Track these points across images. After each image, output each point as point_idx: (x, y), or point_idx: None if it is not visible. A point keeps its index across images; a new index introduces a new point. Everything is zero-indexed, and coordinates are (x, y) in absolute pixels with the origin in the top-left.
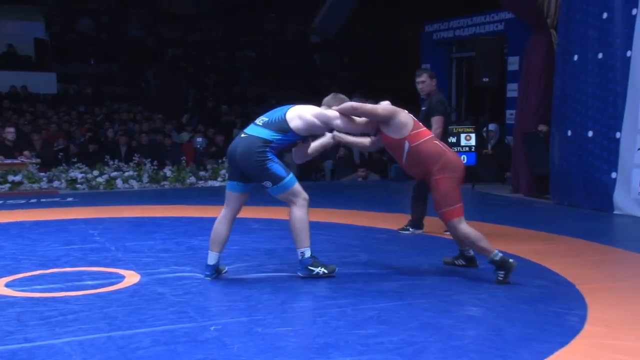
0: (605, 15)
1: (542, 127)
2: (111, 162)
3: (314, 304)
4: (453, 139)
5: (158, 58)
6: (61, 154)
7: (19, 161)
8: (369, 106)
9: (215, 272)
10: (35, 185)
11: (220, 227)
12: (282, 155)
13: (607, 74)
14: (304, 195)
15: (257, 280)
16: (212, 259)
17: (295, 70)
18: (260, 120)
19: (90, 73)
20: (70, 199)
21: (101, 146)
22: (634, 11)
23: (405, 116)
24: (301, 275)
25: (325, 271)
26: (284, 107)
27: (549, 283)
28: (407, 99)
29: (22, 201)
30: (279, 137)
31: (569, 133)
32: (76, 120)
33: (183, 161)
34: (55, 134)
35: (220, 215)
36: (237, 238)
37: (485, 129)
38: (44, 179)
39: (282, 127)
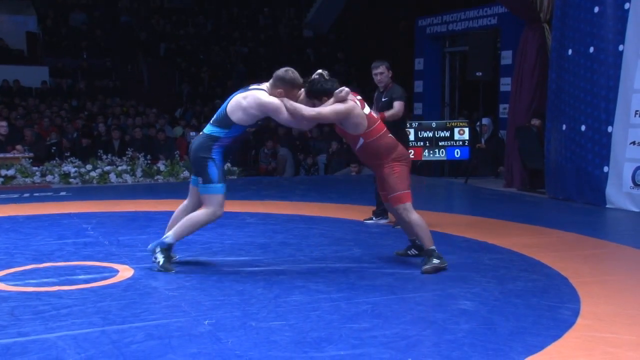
0: (596, 9)
1: (535, 121)
2: (104, 157)
3: (308, 297)
4: (447, 133)
5: (151, 52)
6: (54, 148)
7: (12, 155)
8: (324, 112)
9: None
10: (28, 180)
11: (176, 214)
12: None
13: (599, 68)
14: (218, 212)
15: (250, 274)
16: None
17: (288, 65)
18: (213, 117)
19: (83, 67)
20: (63, 194)
21: (94, 140)
22: (627, 5)
23: (357, 115)
24: (148, 248)
25: (162, 263)
26: (227, 100)
27: (541, 277)
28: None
29: (15, 195)
30: (225, 132)
31: (564, 127)
32: (68, 115)
33: (177, 155)
34: (48, 129)
35: (182, 204)
36: (230, 232)
37: (478, 123)
38: (37, 173)
39: (226, 122)
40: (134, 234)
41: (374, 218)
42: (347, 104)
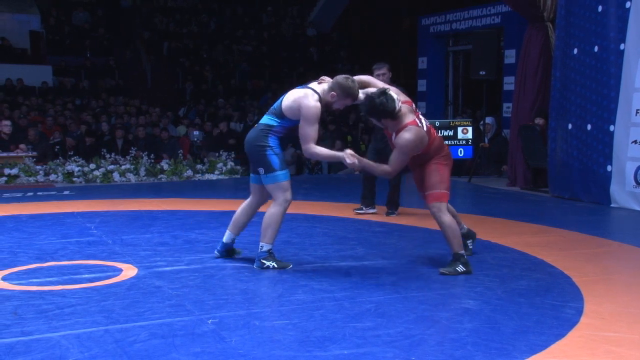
0: (600, 8)
1: (539, 120)
2: (108, 156)
3: (311, 297)
4: (450, 132)
5: (155, 51)
6: (57, 147)
7: (15, 154)
8: (396, 164)
9: (226, 251)
10: (31, 179)
11: (240, 212)
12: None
13: (602, 67)
14: (288, 196)
15: (254, 273)
16: (226, 237)
17: (292, 64)
18: (269, 109)
19: (87, 66)
20: (66, 192)
21: (98, 139)
22: (628, 4)
23: (422, 136)
24: (255, 266)
25: (275, 265)
26: (286, 93)
27: (545, 276)
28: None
29: (19, 194)
30: (279, 121)
31: (570, 126)
32: (72, 114)
33: (180, 154)
34: (51, 128)
35: (244, 202)
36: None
37: (482, 122)
38: (41, 172)
39: (279, 112)
40: (137, 233)
41: (363, 208)
42: (411, 135)
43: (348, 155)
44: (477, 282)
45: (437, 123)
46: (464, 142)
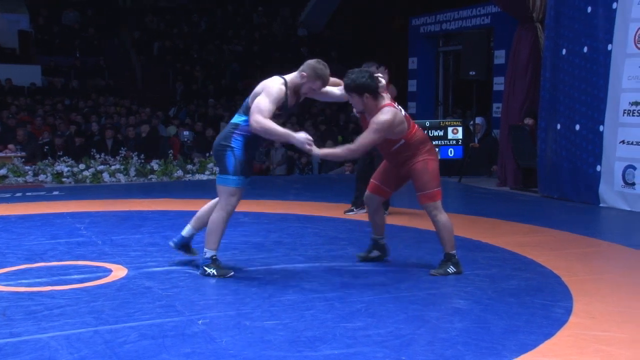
0: (589, 9)
1: (529, 121)
2: (97, 156)
3: (302, 297)
4: (440, 132)
5: (145, 51)
6: (47, 147)
7: (4, 155)
8: (366, 140)
9: (182, 245)
10: (20, 179)
11: (205, 208)
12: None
13: (591, 68)
14: (233, 202)
15: (245, 273)
16: (186, 230)
17: (283, 64)
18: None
19: (76, 66)
20: (56, 193)
21: (87, 140)
22: (614, 5)
23: (400, 121)
24: (199, 272)
25: (215, 273)
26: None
27: (535, 275)
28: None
29: (7, 195)
30: (244, 118)
31: (559, 126)
32: (61, 114)
33: (170, 155)
34: (40, 128)
35: (214, 200)
36: (225, 231)
37: (472, 122)
38: (30, 172)
39: (246, 107)
40: (127, 233)
41: (354, 209)
42: (387, 114)
43: (305, 141)
44: (468, 282)
45: (428, 123)
46: (454, 142)
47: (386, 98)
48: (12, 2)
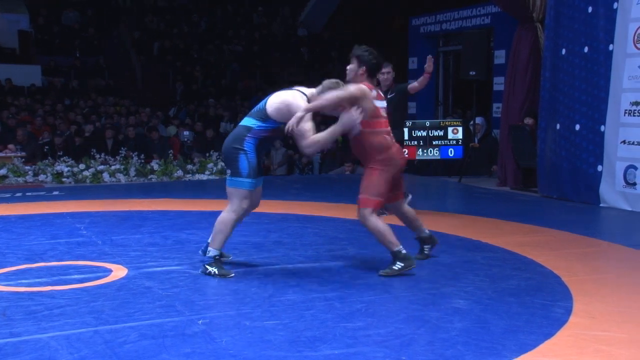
0: (590, 9)
1: (528, 120)
2: (97, 156)
3: (302, 297)
4: (440, 132)
5: (145, 51)
6: (47, 147)
7: (4, 155)
8: (338, 93)
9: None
10: (20, 179)
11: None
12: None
13: (592, 68)
14: (244, 205)
15: (244, 273)
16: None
17: (283, 64)
18: (251, 110)
19: (76, 66)
20: (56, 193)
21: (87, 140)
22: (615, 5)
23: (369, 102)
24: (200, 270)
25: (217, 272)
26: (270, 95)
27: (534, 275)
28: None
29: (7, 195)
30: (259, 123)
31: (558, 126)
32: (61, 114)
33: (170, 155)
34: (40, 128)
35: None
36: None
37: (472, 122)
38: (30, 172)
39: (263, 114)
40: (127, 233)
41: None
42: (364, 87)
43: (356, 117)
44: (468, 282)
45: (428, 123)
46: (454, 142)
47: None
48: (11, 2)
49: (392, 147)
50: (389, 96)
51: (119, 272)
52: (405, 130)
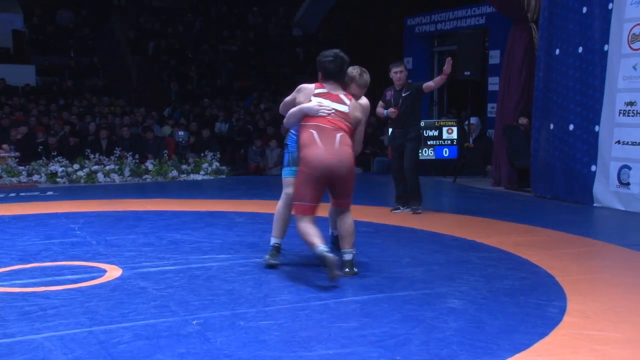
0: (585, 9)
1: (523, 120)
2: (92, 156)
3: (297, 297)
4: (435, 133)
5: (140, 51)
6: (41, 147)
7: None
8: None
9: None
10: (14, 179)
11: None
12: None
13: (587, 68)
14: (287, 190)
15: (239, 273)
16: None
17: (278, 64)
18: None
19: (71, 66)
20: (50, 193)
21: (82, 140)
22: (610, 5)
23: (302, 98)
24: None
25: (266, 259)
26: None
27: (529, 275)
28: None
29: (1, 195)
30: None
31: (552, 126)
32: (55, 114)
33: (165, 155)
34: (35, 128)
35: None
36: (220, 232)
37: (467, 122)
38: (24, 172)
39: None
40: (122, 233)
41: (400, 207)
42: (295, 93)
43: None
44: (463, 282)
45: (423, 123)
46: (449, 142)
47: (327, 87)
48: (5, 1)
49: (310, 146)
50: (403, 94)
51: (113, 272)
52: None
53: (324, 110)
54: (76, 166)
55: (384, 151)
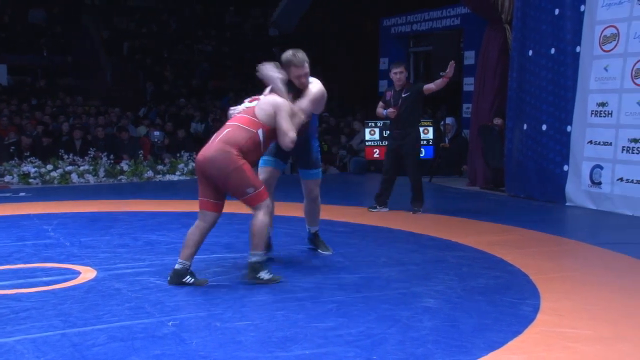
0: (557, 11)
1: (498, 121)
2: (66, 156)
3: (273, 297)
4: None
5: (114, 51)
6: (13, 147)
7: None
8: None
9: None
10: None
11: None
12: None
13: (559, 69)
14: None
15: (215, 274)
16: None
17: (254, 64)
18: None
19: (44, 65)
20: (22, 194)
21: (55, 140)
22: (582, 7)
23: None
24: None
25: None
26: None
27: (503, 274)
28: (367, 91)
29: None
30: None
31: (525, 127)
32: (28, 113)
33: (140, 155)
34: (6, 128)
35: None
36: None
37: (442, 122)
38: None
39: None
40: (96, 235)
41: (377, 207)
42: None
43: None
44: (438, 281)
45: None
46: (425, 142)
47: (266, 91)
48: None
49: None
50: (403, 95)
51: (87, 274)
52: (377, 130)
53: (230, 112)
54: (49, 167)
55: (359, 154)
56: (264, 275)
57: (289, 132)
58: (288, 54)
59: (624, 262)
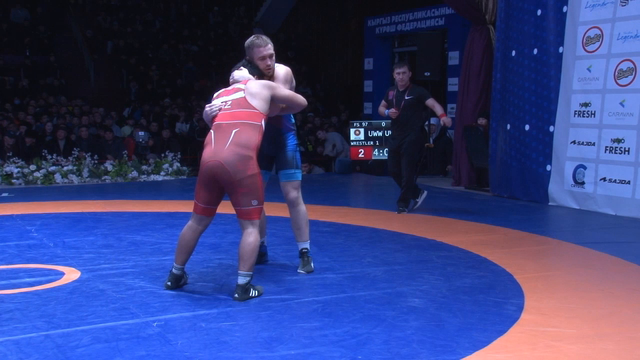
0: (539, 12)
1: (482, 121)
2: (49, 157)
3: (258, 298)
4: None
5: (98, 50)
6: None
7: None
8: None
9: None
10: None
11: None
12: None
13: (542, 69)
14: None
15: (201, 274)
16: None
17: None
18: None
19: (26, 64)
20: (5, 195)
21: (38, 140)
22: (565, 8)
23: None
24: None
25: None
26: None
27: (488, 273)
28: (352, 91)
29: None
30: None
31: (508, 127)
32: (10, 114)
33: (124, 155)
34: None
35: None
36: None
37: (427, 122)
38: None
39: None
40: (80, 235)
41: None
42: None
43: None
44: (423, 281)
45: (384, 123)
46: None
47: (237, 82)
48: None
49: (206, 146)
50: (406, 97)
51: (71, 274)
52: (362, 130)
53: (214, 109)
54: (33, 167)
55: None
56: (254, 293)
57: (295, 97)
58: (251, 37)
59: (606, 261)
